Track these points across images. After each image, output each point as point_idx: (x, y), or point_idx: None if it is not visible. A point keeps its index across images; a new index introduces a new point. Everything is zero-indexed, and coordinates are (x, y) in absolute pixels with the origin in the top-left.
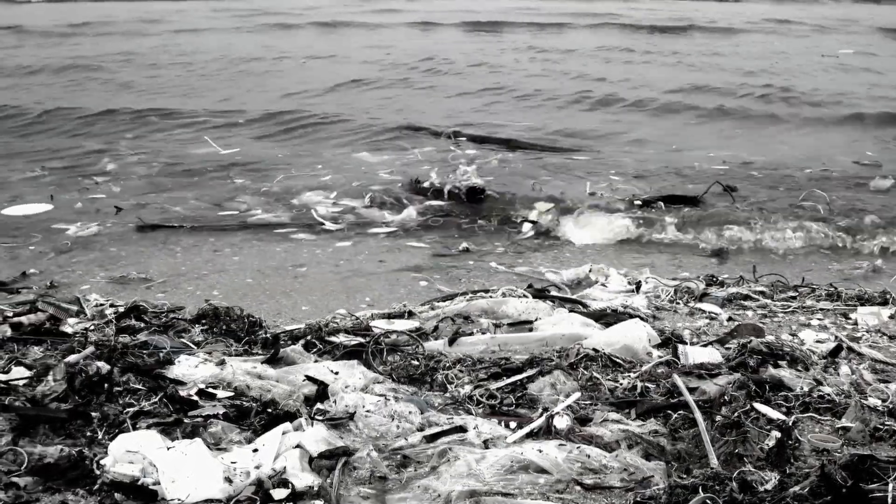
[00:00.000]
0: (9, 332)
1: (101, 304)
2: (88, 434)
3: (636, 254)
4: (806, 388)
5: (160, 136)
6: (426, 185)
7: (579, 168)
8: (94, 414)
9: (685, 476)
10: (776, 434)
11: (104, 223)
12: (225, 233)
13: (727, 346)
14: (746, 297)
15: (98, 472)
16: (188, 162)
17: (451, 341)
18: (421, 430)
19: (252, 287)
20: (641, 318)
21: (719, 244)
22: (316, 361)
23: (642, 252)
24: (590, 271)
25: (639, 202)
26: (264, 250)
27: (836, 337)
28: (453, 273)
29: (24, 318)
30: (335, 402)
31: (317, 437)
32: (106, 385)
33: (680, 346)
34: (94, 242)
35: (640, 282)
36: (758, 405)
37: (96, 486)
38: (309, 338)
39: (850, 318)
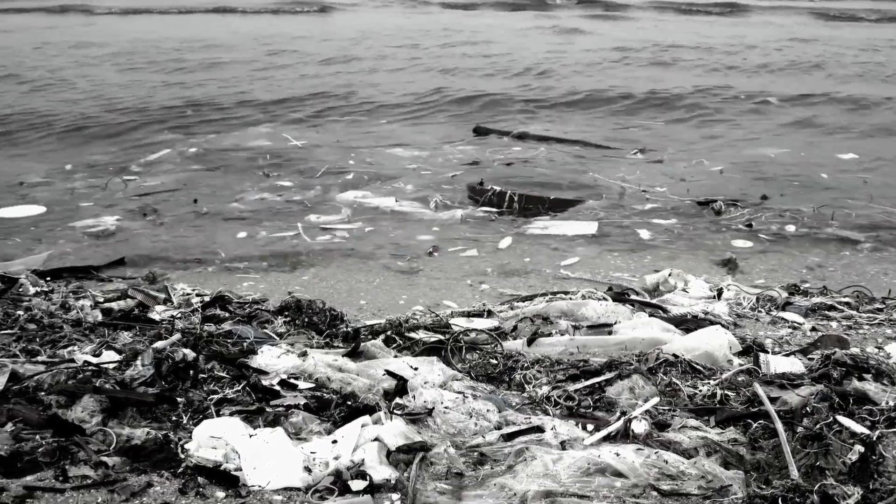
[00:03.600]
0: (100, 317)
1: (188, 293)
2: (174, 418)
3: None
4: (892, 403)
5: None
6: (487, 187)
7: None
8: (179, 399)
9: (764, 487)
10: (859, 448)
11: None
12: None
13: (810, 356)
14: (831, 308)
15: (182, 456)
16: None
17: (530, 342)
18: (498, 428)
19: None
20: (722, 326)
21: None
22: (395, 357)
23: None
24: (669, 276)
25: (698, 203)
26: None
27: None
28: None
29: (114, 304)
30: (414, 397)
31: (395, 432)
32: (191, 372)
33: (761, 355)
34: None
35: (721, 288)
36: (841, 418)
37: (180, 469)
38: (389, 333)
39: None
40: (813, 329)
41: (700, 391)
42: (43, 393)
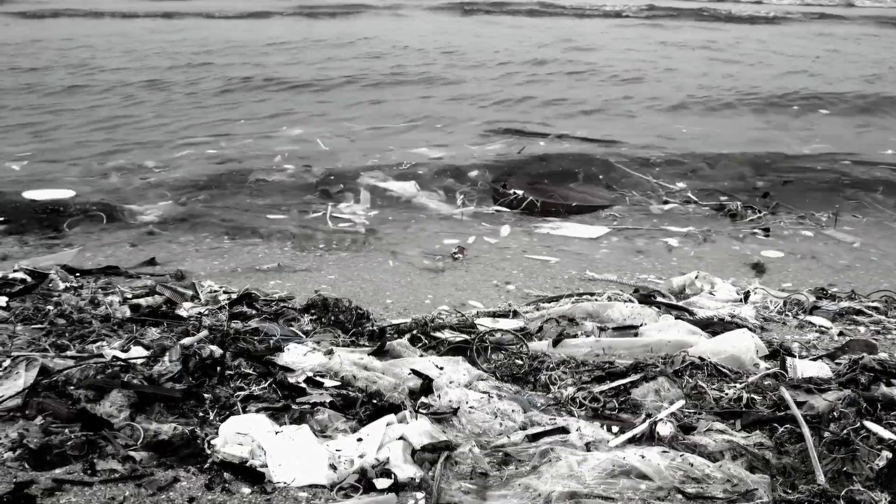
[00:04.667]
0: (128, 313)
1: (215, 291)
2: (200, 414)
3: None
4: None
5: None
6: (510, 191)
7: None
8: (206, 395)
9: (790, 491)
10: (887, 454)
11: None
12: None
13: (837, 361)
14: (859, 312)
15: (209, 452)
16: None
17: (556, 342)
18: (523, 428)
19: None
20: (749, 329)
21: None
22: (421, 356)
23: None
24: (696, 278)
25: (715, 206)
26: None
27: None
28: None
29: (142, 301)
30: (439, 396)
31: (420, 431)
32: (218, 368)
33: (788, 359)
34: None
35: (748, 292)
36: (868, 423)
37: (207, 465)
38: (415, 332)
39: None
40: (840, 333)
41: (726, 394)
42: (72, 387)
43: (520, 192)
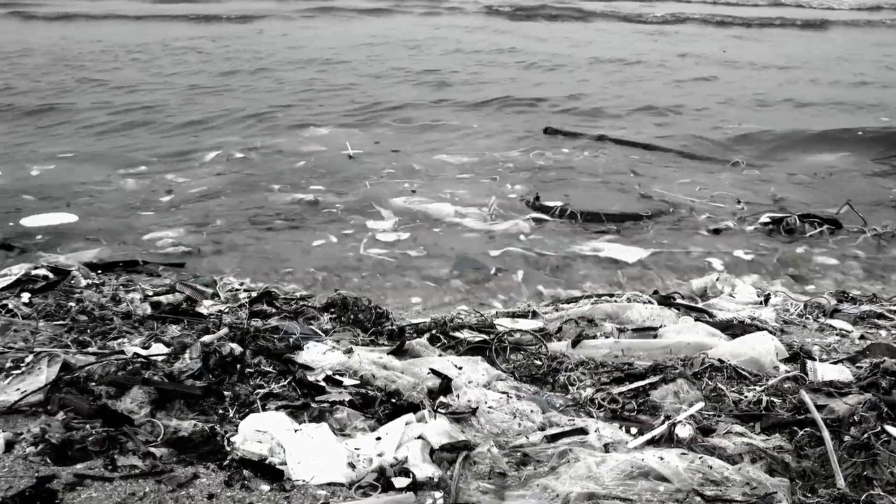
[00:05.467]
0: (149, 310)
1: (235, 289)
2: (220, 411)
3: None
4: None
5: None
6: (548, 204)
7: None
8: (226, 393)
9: (810, 495)
10: None
11: None
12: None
13: (858, 364)
14: (881, 316)
15: (228, 449)
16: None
17: (575, 343)
18: (542, 429)
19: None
20: (769, 332)
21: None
22: (440, 355)
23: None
24: (717, 280)
25: (768, 219)
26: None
27: None
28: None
29: (162, 298)
30: (458, 396)
31: (439, 430)
32: (238, 366)
33: (808, 362)
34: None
35: (768, 294)
36: (889, 428)
37: (226, 462)
38: (434, 332)
39: None
40: (861, 337)
41: (745, 397)
42: (93, 383)
43: (559, 204)
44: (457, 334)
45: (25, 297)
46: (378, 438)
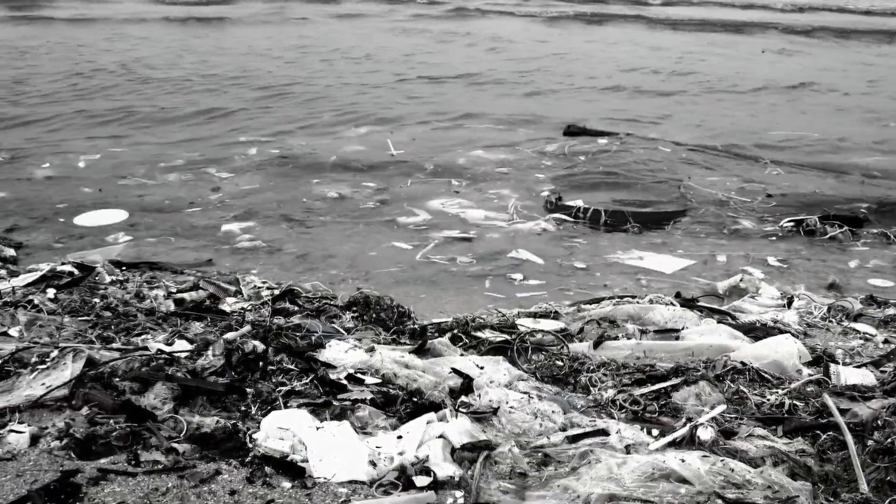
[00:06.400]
0: (172, 307)
1: (258, 287)
2: (242, 408)
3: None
4: None
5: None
6: (570, 203)
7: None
8: (248, 390)
9: (832, 499)
10: None
11: None
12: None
13: (882, 368)
14: None
15: (250, 446)
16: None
17: (596, 344)
18: (563, 430)
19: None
20: (792, 335)
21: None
22: (461, 355)
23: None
24: (740, 281)
25: (790, 222)
26: None
27: None
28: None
29: (186, 295)
30: (479, 396)
31: (460, 429)
32: (261, 363)
33: (832, 366)
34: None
35: (792, 297)
36: None
37: (248, 458)
38: (455, 331)
39: None
40: (886, 341)
41: (768, 400)
42: (117, 379)
43: (582, 204)
44: (478, 334)
45: (51, 292)
46: (399, 437)
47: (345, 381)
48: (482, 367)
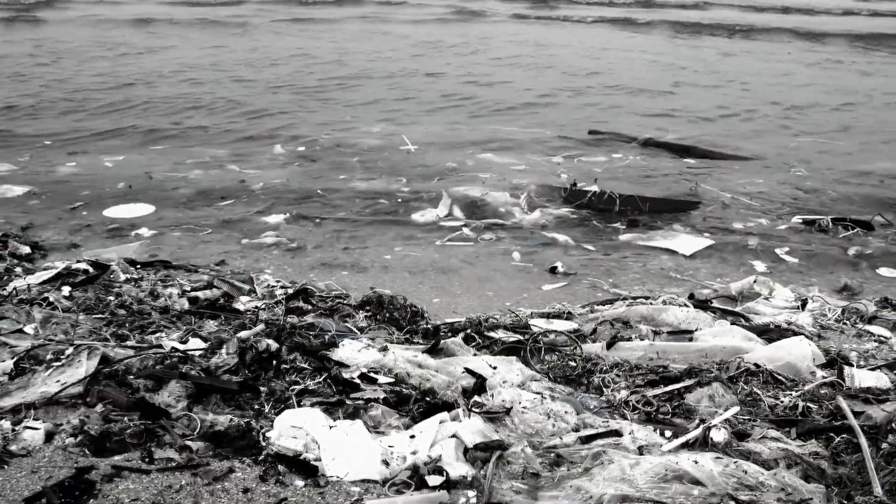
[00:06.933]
0: (186, 306)
1: (272, 285)
2: (256, 407)
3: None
4: None
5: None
6: (585, 189)
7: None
8: (262, 388)
9: (846, 502)
10: None
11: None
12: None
13: None
14: None
15: (264, 444)
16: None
17: (610, 345)
18: (576, 430)
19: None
20: (806, 337)
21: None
22: (474, 355)
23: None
24: (754, 282)
25: (799, 220)
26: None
27: None
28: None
29: (200, 294)
30: (492, 396)
31: (473, 429)
32: (274, 362)
33: (846, 368)
34: None
35: (805, 299)
36: None
37: (261, 457)
38: (468, 331)
39: None
40: None
41: (781, 402)
42: (132, 377)
43: (596, 189)
44: (491, 334)
45: (66, 290)
46: (412, 436)
47: (358, 381)
48: (495, 367)
